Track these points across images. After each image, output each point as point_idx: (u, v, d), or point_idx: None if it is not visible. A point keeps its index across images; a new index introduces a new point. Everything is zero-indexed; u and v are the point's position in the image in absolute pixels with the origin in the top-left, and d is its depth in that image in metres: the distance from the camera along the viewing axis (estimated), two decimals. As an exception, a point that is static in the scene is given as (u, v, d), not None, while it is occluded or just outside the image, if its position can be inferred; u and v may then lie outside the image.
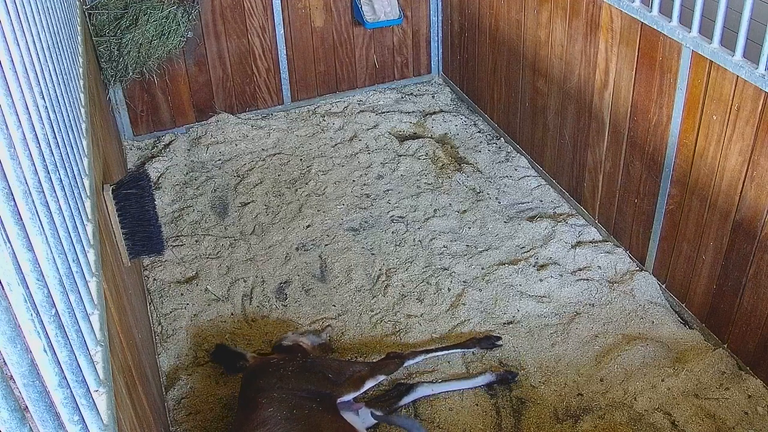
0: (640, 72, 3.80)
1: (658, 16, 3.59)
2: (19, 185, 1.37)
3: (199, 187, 5.06)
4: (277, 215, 4.77)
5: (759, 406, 3.33)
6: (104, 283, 2.11)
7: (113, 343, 2.03)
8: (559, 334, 3.78)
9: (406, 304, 4.01)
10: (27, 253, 1.26)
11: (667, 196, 3.81)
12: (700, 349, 3.63)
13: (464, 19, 5.66)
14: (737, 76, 3.17)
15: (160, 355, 3.78)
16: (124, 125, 5.53)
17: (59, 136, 2.04)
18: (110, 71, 5.03)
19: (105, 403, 1.61)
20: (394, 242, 4.49)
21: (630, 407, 3.35)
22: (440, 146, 5.41)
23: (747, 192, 3.28)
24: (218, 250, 4.49)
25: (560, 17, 4.39)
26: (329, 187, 5.03)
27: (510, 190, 4.95)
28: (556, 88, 4.61)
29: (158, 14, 5.01)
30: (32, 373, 1.07)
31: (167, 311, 4.03)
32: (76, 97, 2.85)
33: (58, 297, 1.46)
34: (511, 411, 3.40)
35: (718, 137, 3.37)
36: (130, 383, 2.27)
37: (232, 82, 5.72)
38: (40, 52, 2.10)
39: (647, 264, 4.10)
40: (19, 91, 1.60)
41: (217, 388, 3.56)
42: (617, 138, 4.11)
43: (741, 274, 3.42)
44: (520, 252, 4.36)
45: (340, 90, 6.10)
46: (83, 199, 2.29)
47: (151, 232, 3.29)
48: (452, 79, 6.16)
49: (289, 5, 5.61)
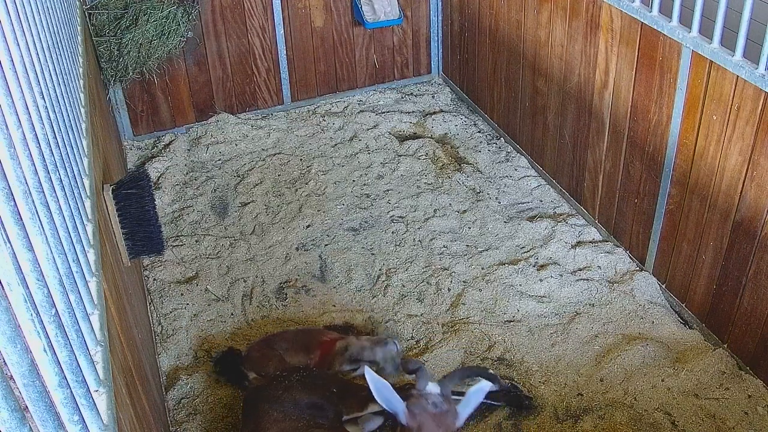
0: (640, 72, 3.80)
1: (658, 16, 3.59)
2: (19, 185, 1.37)
3: (199, 187, 5.06)
4: (277, 215, 4.77)
5: (759, 406, 3.33)
6: (104, 283, 2.11)
7: (113, 343, 2.03)
8: (559, 334, 3.78)
9: (406, 304, 4.01)
10: (27, 253, 1.26)
11: (667, 196, 3.81)
12: (700, 349, 3.63)
13: (464, 19, 5.66)
14: (737, 76, 3.17)
15: (160, 355, 3.78)
16: (124, 125, 5.53)
17: (59, 136, 2.04)
18: (110, 71, 5.03)
19: (105, 403, 1.61)
20: (394, 242, 4.49)
21: (630, 407, 3.35)
22: (440, 146, 5.41)
23: (747, 192, 3.28)
24: (218, 250, 4.50)
25: (560, 17, 4.39)
26: (329, 187, 5.03)
27: (510, 190, 4.95)
28: (556, 88, 4.61)
29: (158, 14, 5.01)
30: (32, 373, 1.07)
31: (167, 311, 4.03)
32: (76, 97, 2.85)
33: (58, 297, 1.46)
34: (511, 411, 3.39)
35: (718, 137, 3.37)
36: (130, 383, 2.27)
37: (232, 82, 5.72)
38: (40, 52, 2.10)
39: (647, 264, 4.10)
40: (19, 91, 1.60)
41: (217, 388, 3.56)
42: (617, 138, 4.11)
43: (741, 274, 3.42)
44: (520, 252, 4.36)
45: (340, 90, 6.10)
46: (83, 199, 2.29)
47: (151, 232, 3.29)
48: (452, 79, 6.16)
49: (289, 5, 5.61)
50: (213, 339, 3.85)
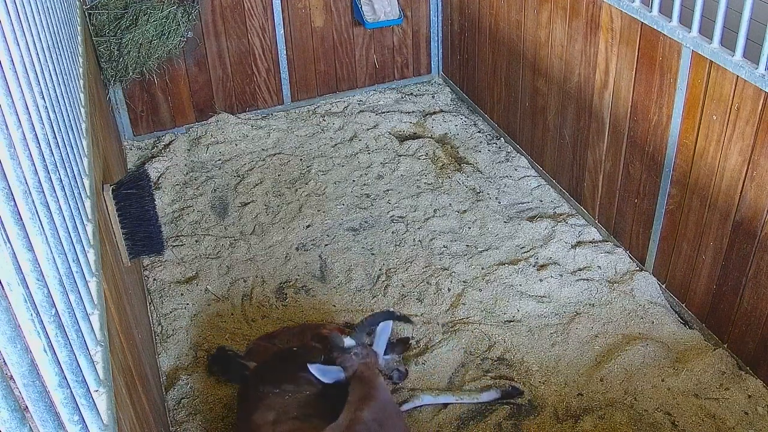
0: (640, 72, 3.80)
1: (658, 16, 3.59)
2: (19, 185, 1.37)
3: (199, 187, 5.06)
4: (277, 215, 4.77)
5: (759, 406, 3.33)
6: (104, 283, 2.11)
7: (113, 343, 2.03)
8: (559, 334, 3.78)
9: (406, 304, 4.01)
10: (27, 253, 1.26)
11: (667, 196, 3.81)
12: (700, 349, 3.63)
13: (464, 19, 5.66)
14: (737, 76, 3.17)
15: (160, 355, 3.78)
16: (124, 125, 5.54)
17: (59, 136, 2.04)
18: (110, 71, 5.03)
19: (105, 403, 1.61)
20: (394, 242, 4.49)
21: (630, 407, 3.35)
22: (440, 146, 5.41)
23: (747, 192, 3.28)
24: (218, 250, 4.49)
25: (560, 17, 4.39)
26: (329, 187, 5.03)
27: (510, 190, 4.95)
28: (556, 88, 4.61)
29: (158, 14, 5.02)
30: (32, 373, 1.07)
31: (167, 311, 4.02)
32: (76, 97, 2.85)
33: (58, 297, 1.46)
34: (511, 411, 3.39)
35: (718, 137, 3.37)
36: (130, 383, 2.27)
37: (232, 82, 5.72)
38: (40, 52, 2.10)
39: (647, 264, 4.10)
40: (19, 91, 1.60)
41: (217, 388, 3.56)
42: (617, 138, 4.11)
43: (741, 274, 3.42)
44: (520, 252, 4.36)
45: (340, 90, 6.10)
46: (83, 199, 2.29)
47: (151, 232, 3.29)
48: (452, 79, 6.16)
49: (289, 5, 5.61)
50: (213, 339, 3.85)
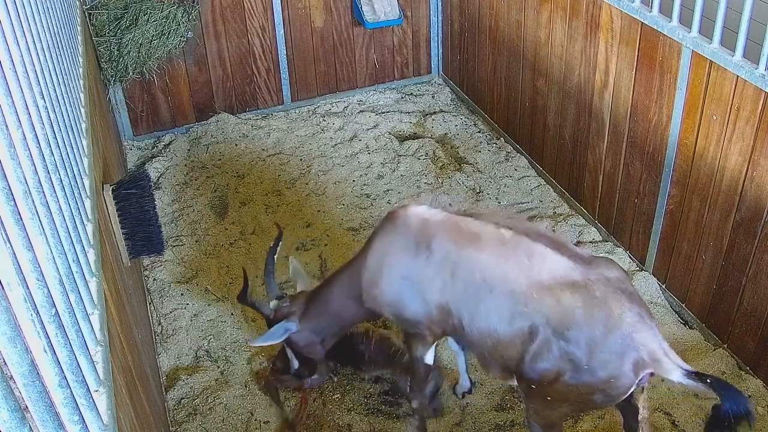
0: (640, 72, 3.80)
1: (658, 16, 3.59)
2: (19, 185, 1.37)
3: (199, 187, 5.06)
4: (277, 215, 4.77)
5: (759, 406, 3.33)
6: (104, 283, 2.11)
7: (113, 343, 2.03)
8: (559, 334, 3.77)
9: (406, 304, 4.00)
10: (27, 253, 1.26)
11: (667, 196, 3.80)
12: (700, 349, 3.63)
13: (464, 19, 5.66)
14: (737, 76, 3.17)
15: (160, 355, 3.78)
16: (124, 125, 5.53)
17: (59, 136, 2.04)
18: (110, 71, 5.03)
19: (105, 403, 1.61)
20: (394, 242, 4.48)
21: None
22: (440, 146, 5.41)
23: (747, 192, 3.28)
24: (218, 250, 4.49)
25: (560, 17, 4.39)
26: (329, 187, 5.03)
27: (510, 190, 4.94)
28: (556, 88, 4.61)
29: (158, 14, 5.02)
30: (32, 373, 1.07)
31: (167, 311, 4.02)
32: (76, 97, 2.85)
33: (58, 297, 1.46)
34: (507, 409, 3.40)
35: (718, 137, 3.37)
36: (130, 383, 2.27)
37: (232, 82, 5.72)
38: (40, 52, 2.10)
39: (647, 264, 4.10)
40: (19, 91, 1.60)
41: (217, 388, 3.56)
42: (617, 138, 4.11)
43: (741, 274, 3.42)
44: (520, 252, 4.36)
45: (340, 90, 6.10)
46: (83, 199, 2.29)
47: (151, 232, 3.29)
48: (452, 79, 6.16)
49: (289, 5, 5.61)
50: (213, 339, 3.85)
